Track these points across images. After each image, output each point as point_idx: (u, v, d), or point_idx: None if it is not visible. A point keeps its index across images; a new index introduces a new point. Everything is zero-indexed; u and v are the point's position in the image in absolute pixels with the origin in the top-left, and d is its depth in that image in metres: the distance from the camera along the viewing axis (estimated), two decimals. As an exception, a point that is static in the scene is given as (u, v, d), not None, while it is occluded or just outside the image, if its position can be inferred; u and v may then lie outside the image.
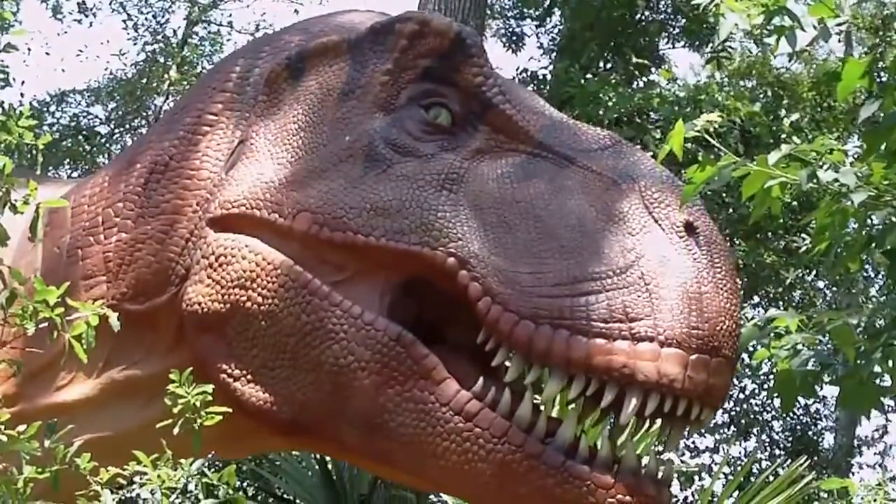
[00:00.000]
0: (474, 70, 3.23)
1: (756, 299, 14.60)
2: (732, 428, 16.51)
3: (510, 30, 16.97)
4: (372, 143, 3.16)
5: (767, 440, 16.81)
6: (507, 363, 2.94)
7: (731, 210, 13.36)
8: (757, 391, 16.79)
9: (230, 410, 2.78)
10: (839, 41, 14.60)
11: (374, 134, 3.17)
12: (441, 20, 3.31)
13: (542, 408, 2.95)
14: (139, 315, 3.24)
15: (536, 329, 2.80)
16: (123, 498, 2.63)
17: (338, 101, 3.29)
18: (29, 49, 16.50)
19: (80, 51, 21.08)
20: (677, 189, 2.99)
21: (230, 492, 2.59)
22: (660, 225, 2.88)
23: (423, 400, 2.91)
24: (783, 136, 12.11)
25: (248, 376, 2.99)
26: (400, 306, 3.07)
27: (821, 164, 4.23)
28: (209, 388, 2.73)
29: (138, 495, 2.67)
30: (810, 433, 16.91)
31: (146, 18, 17.68)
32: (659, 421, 2.85)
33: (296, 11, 17.58)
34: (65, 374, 3.39)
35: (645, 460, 2.87)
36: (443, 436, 2.87)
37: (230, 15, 17.80)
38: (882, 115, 4.23)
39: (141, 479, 2.62)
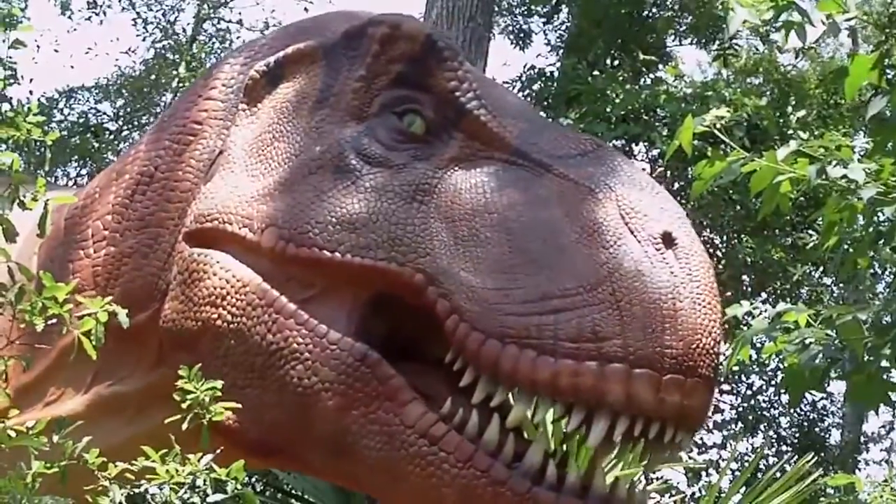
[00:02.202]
0: (448, 75, 3.08)
1: (763, 296, 14.57)
2: (740, 424, 16.50)
3: (518, 27, 16.97)
4: (342, 154, 3.04)
5: (775, 436, 16.81)
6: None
7: (738, 206, 13.35)
8: (764, 387, 16.79)
9: (240, 406, 2.78)
10: (847, 36, 14.59)
11: (344, 144, 3.05)
12: (412, 23, 3.17)
13: (521, 430, 2.82)
14: (126, 330, 3.19)
15: (503, 349, 2.65)
16: (132, 493, 2.62)
17: (312, 109, 3.19)
18: (38, 46, 16.55)
19: (90, 48, 21.10)
20: (658, 197, 2.81)
21: (239, 487, 2.59)
22: (636, 236, 2.69)
23: (388, 422, 2.80)
24: (790, 131, 12.09)
25: (219, 396, 2.90)
26: (369, 324, 2.95)
27: (829, 160, 4.23)
28: (218, 383, 2.73)
29: (146, 490, 2.67)
30: (817, 429, 16.91)
31: (155, 16, 17.74)
32: (642, 442, 2.69)
33: (305, 9, 17.58)
34: (54, 389, 3.35)
35: (615, 485, 2.74)
36: (407, 459, 2.76)
37: (239, 12, 17.86)
38: (890, 111, 4.22)
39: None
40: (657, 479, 11.10)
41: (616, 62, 15.08)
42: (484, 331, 2.68)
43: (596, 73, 13.77)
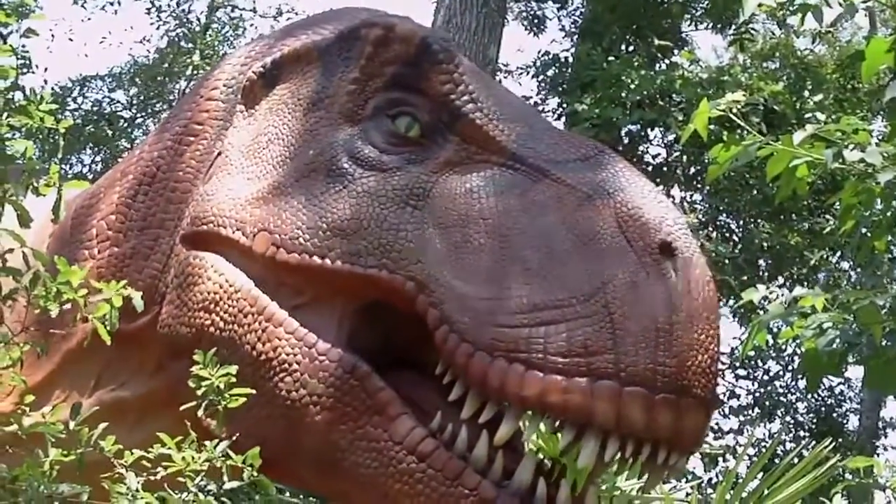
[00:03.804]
0: (442, 77, 3.00)
1: (780, 280, 14.54)
2: (757, 410, 16.50)
3: (532, 12, 16.93)
4: (334, 157, 2.96)
5: (792, 422, 16.79)
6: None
7: (755, 191, 13.32)
8: (781, 373, 16.78)
9: (254, 391, 2.76)
10: (865, 16, 14.49)
11: (337, 147, 2.98)
12: (407, 25, 3.09)
13: (513, 445, 2.72)
14: (127, 334, 3.14)
15: (492, 363, 2.56)
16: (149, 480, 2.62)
17: (306, 111, 3.12)
18: (53, 35, 16.58)
19: (104, 37, 21.15)
20: (659, 205, 2.68)
21: (255, 474, 2.58)
22: (632, 246, 2.59)
23: (377, 438, 2.72)
24: (807, 116, 12.04)
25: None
26: (363, 331, 2.88)
27: (846, 143, 4.21)
28: (233, 369, 2.71)
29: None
30: (835, 415, 16.89)
31: (169, 4, 17.75)
32: (635, 462, 2.59)
33: (318, -4, 17.54)
34: (59, 392, 3.34)
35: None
36: (395, 477, 2.69)
37: (253, 0, 17.83)
38: (907, 94, 4.18)
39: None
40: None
41: (631, 47, 15.04)
42: (473, 342, 2.60)
43: (611, 58, 13.72)
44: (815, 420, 16.72)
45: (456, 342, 2.63)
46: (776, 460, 9.60)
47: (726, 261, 12.89)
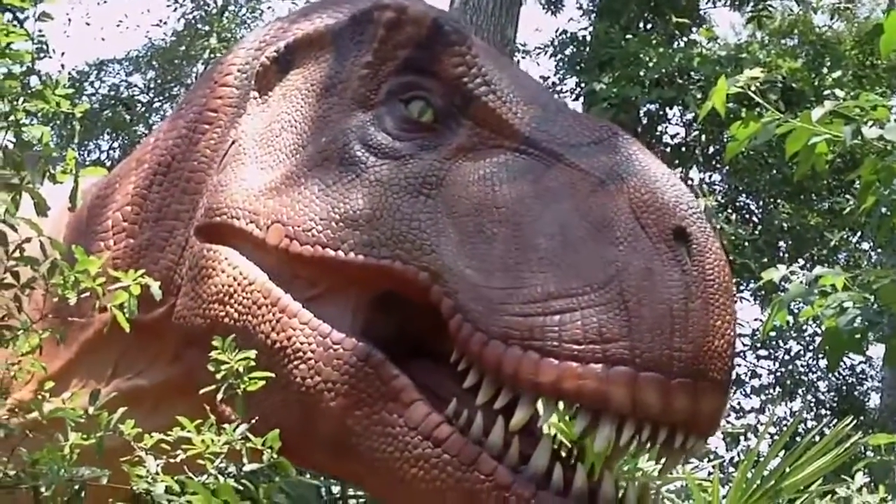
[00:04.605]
0: (455, 60, 2.96)
1: (801, 262, 14.49)
2: (778, 388, 16.47)
3: (549, -9, 16.85)
4: (347, 145, 2.94)
5: (813, 400, 16.75)
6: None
7: (774, 171, 13.27)
8: (802, 352, 16.74)
9: (273, 375, 2.77)
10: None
11: (350, 134, 2.96)
12: (418, 7, 3.05)
13: (529, 430, 2.70)
14: (144, 324, 3.15)
15: (506, 350, 2.57)
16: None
17: (320, 97, 3.09)
18: (69, 19, 16.60)
19: (121, 21, 21.19)
20: (673, 190, 2.66)
21: (274, 455, 2.59)
22: (646, 232, 2.58)
23: (392, 423, 2.72)
24: (826, 93, 11.98)
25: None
26: (377, 321, 2.88)
27: (865, 120, 4.18)
28: (251, 353, 2.72)
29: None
30: (856, 393, 16.85)
31: (186, -14, 17.73)
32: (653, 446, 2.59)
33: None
34: (77, 381, 3.35)
35: (626, 490, 2.67)
36: (410, 462, 2.68)
37: (270, -18, 17.79)
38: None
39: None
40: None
41: (649, 25, 14.98)
42: (487, 331, 2.61)
43: (629, 36, 13.68)
44: (836, 398, 16.69)
45: (470, 331, 2.63)
46: (797, 439, 9.59)
47: (746, 243, 12.86)
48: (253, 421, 2.72)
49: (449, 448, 2.66)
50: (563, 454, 2.77)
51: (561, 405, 2.59)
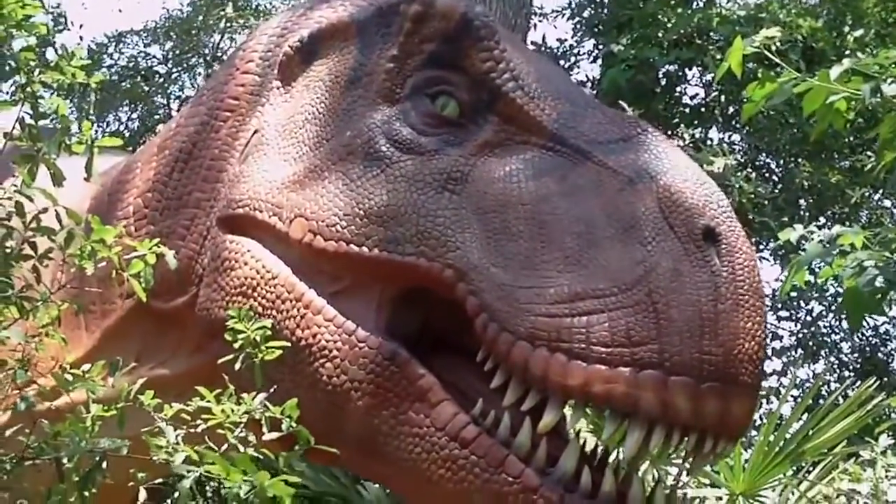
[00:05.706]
0: (483, 55, 2.95)
1: (822, 220, 14.42)
2: (800, 350, 16.41)
3: (566, -47, 16.72)
4: (372, 140, 2.94)
5: (836, 362, 16.70)
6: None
7: (794, 130, 13.19)
8: (824, 313, 16.66)
9: (289, 344, 2.77)
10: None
11: (374, 128, 2.93)
12: (447, 0, 3.01)
13: (557, 431, 2.71)
14: (165, 313, 3.14)
15: (533, 352, 2.56)
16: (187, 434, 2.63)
17: (344, 89, 3.06)
18: (86, -9, 16.54)
19: (138, -9, 21.08)
20: (702, 188, 2.64)
21: (293, 425, 2.59)
22: (675, 232, 2.55)
23: (419, 423, 2.72)
24: (847, 52, 11.88)
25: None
26: (401, 316, 2.88)
27: (884, 77, 4.15)
28: (268, 322, 2.72)
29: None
30: (880, 354, 16.77)
31: (202, -45, 17.65)
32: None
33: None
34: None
35: (653, 492, 2.66)
36: (437, 463, 2.68)
37: (286, -49, 17.70)
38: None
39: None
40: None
41: (667, -15, 14.85)
42: (514, 332, 2.59)
43: (647, -3, 13.57)
44: (859, 360, 16.61)
45: (496, 331, 2.62)
46: (820, 401, 9.59)
47: (766, 202, 12.79)
48: (272, 389, 2.71)
49: (476, 449, 2.66)
50: (590, 457, 2.75)
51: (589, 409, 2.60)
